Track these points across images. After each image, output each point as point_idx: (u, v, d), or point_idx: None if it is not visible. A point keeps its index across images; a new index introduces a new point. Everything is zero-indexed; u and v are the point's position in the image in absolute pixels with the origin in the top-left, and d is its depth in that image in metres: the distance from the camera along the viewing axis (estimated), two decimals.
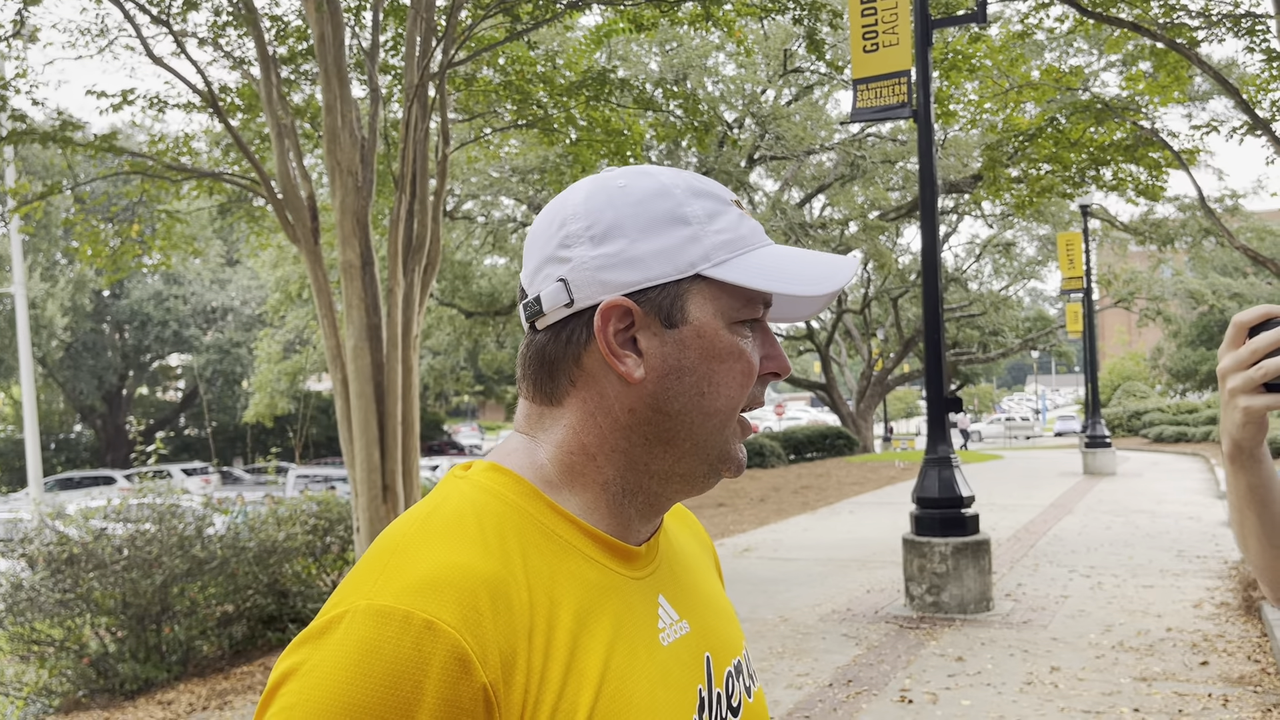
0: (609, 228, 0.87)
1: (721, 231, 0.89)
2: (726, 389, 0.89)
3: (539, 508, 0.87)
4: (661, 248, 0.87)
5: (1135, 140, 12.79)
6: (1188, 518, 12.58)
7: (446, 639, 0.74)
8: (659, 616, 0.91)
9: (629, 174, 0.91)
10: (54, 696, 7.06)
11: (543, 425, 0.91)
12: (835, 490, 18.29)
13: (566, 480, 0.90)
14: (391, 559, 0.80)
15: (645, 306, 0.87)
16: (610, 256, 0.87)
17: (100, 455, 39.44)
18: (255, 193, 9.33)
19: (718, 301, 0.88)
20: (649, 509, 0.92)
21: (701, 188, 0.91)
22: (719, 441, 0.90)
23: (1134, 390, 43.16)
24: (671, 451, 0.89)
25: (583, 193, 0.90)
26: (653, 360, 0.88)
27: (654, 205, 0.88)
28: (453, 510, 0.85)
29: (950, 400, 7.97)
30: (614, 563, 0.89)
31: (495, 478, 0.89)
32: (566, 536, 0.87)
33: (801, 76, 22.23)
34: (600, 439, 0.89)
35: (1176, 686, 5.54)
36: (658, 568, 0.95)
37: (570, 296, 0.88)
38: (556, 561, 0.85)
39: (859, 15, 8.09)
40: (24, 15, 8.53)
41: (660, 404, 0.88)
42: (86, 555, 6.97)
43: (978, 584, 7.47)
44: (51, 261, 35.56)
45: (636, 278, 0.87)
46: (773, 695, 5.65)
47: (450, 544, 0.80)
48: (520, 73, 10.38)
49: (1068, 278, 21.36)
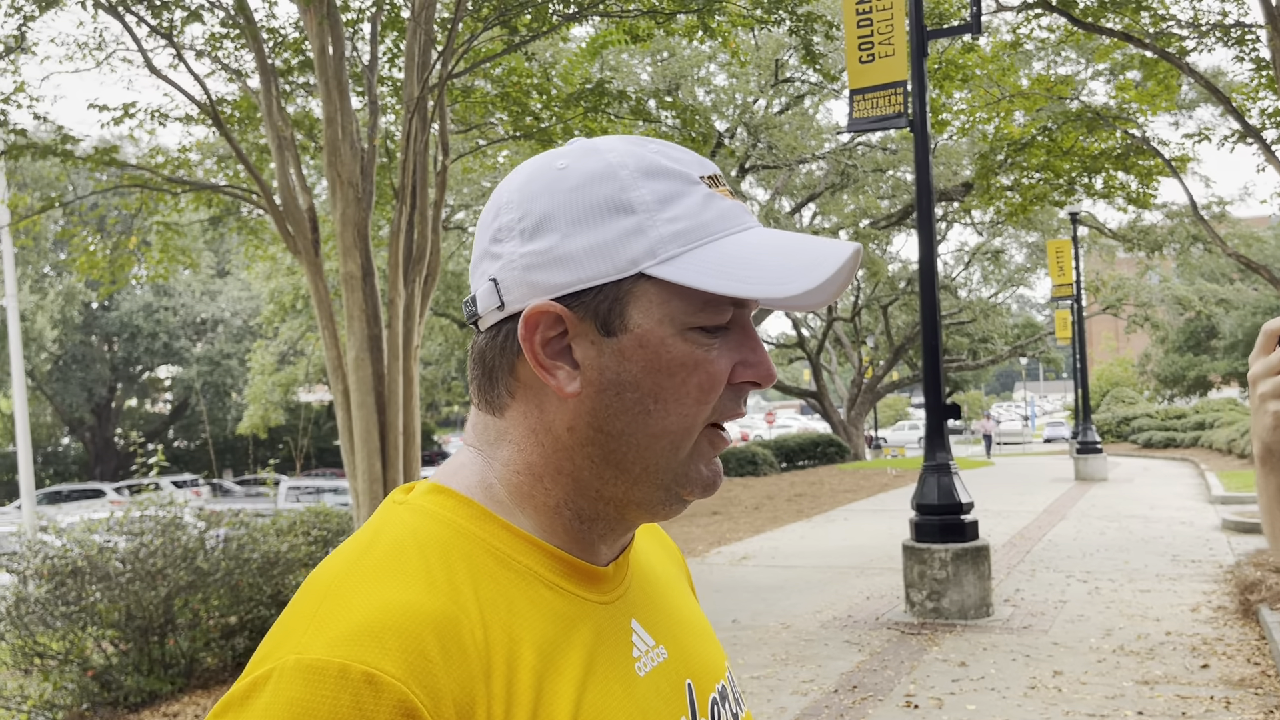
0: (541, 219, 0.76)
1: (675, 220, 0.76)
2: (678, 406, 0.77)
3: (491, 530, 0.78)
4: (597, 243, 0.75)
5: (1126, 149, 12.93)
6: (1181, 523, 12.68)
7: (391, 693, 0.64)
8: (633, 644, 0.82)
9: (574, 152, 0.79)
10: (57, 710, 7.04)
11: (489, 439, 0.82)
12: (829, 498, 18.35)
13: (517, 502, 0.80)
14: (322, 604, 0.70)
15: (579, 311, 0.76)
16: (539, 254, 0.76)
17: (89, 468, 39.25)
18: (255, 204, 9.36)
19: (666, 305, 0.76)
20: (612, 533, 0.82)
21: (658, 166, 0.77)
22: (673, 464, 0.78)
23: (1123, 396, 43.39)
24: (622, 476, 0.78)
25: (522, 176, 0.80)
26: (589, 373, 0.77)
27: (593, 191, 0.76)
28: (391, 541, 0.74)
29: (948, 407, 8.03)
30: (580, 587, 0.80)
31: (439, 500, 0.79)
32: (525, 561, 0.77)
33: (792, 86, 22.36)
34: (545, 459, 0.79)
35: (1178, 689, 5.60)
36: (628, 589, 0.86)
37: (500, 298, 0.78)
38: (514, 590, 0.75)
39: (854, 26, 8.17)
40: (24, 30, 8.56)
41: (601, 422, 0.77)
42: (90, 568, 6.97)
43: (978, 589, 7.52)
44: (40, 274, 35.44)
45: (568, 279, 0.76)
46: (778, 702, 5.69)
47: (389, 581, 0.70)
48: (517, 84, 10.44)
49: (1057, 285, 21.52)
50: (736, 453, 27.49)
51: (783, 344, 37.16)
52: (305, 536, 8.19)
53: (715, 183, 0.80)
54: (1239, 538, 11.03)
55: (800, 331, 34.57)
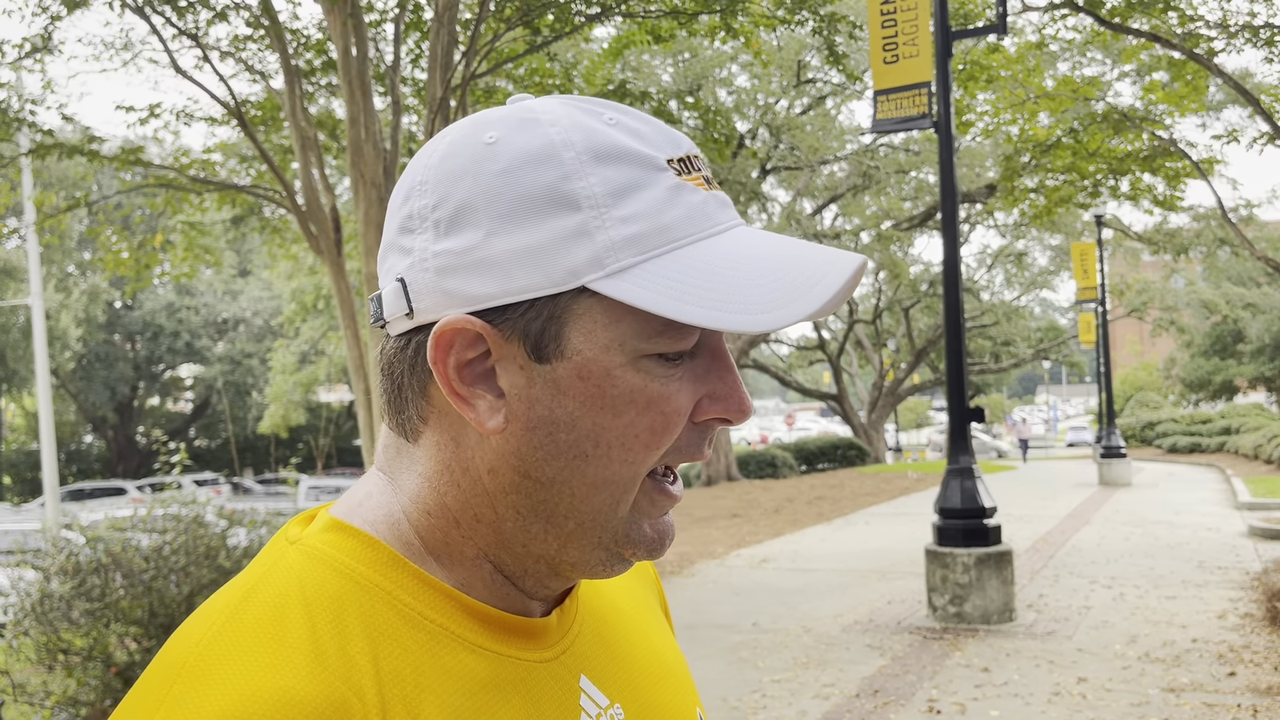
0: (459, 209, 0.61)
1: (630, 220, 0.60)
2: (623, 451, 0.62)
3: (398, 580, 0.63)
4: (529, 245, 0.60)
5: (1153, 150, 12.81)
6: (1206, 529, 12.54)
7: None
8: (582, 708, 0.68)
9: (508, 120, 0.63)
10: (80, 706, 7.09)
11: (400, 465, 0.67)
12: (849, 501, 18.27)
13: (430, 546, 0.65)
14: (177, 684, 0.56)
15: (504, 330, 0.61)
16: (456, 255, 0.61)
17: (111, 466, 39.63)
18: (279, 204, 9.41)
19: (615, 327, 0.61)
20: (544, 588, 0.68)
21: (613, 146, 0.61)
22: (612, 522, 0.64)
23: (1147, 401, 43.03)
24: (552, 531, 0.64)
25: (440, 150, 0.64)
26: (516, 406, 0.62)
27: (527, 177, 0.60)
28: (272, 599, 0.60)
29: (972, 411, 7.97)
30: (511, 646, 0.66)
31: (337, 541, 0.64)
32: (439, 619, 0.63)
33: (814, 87, 22.30)
34: (462, 502, 0.65)
35: (1205, 697, 5.53)
36: (577, 636, 0.71)
37: (409, 304, 0.63)
38: (425, 658, 0.61)
39: (879, 27, 8.13)
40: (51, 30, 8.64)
41: (528, 467, 0.63)
42: (115, 565, 7.01)
43: (1001, 594, 7.46)
44: (65, 273, 35.81)
45: (490, 289, 0.60)
46: (800, 705, 5.66)
47: (263, 657, 0.56)
48: (539, 84, 10.44)
49: (1082, 288, 21.36)
50: (756, 455, 27.46)
51: (803, 346, 37.06)
52: None
53: (687, 167, 0.64)
54: (1266, 544, 10.90)
55: (821, 334, 34.48)
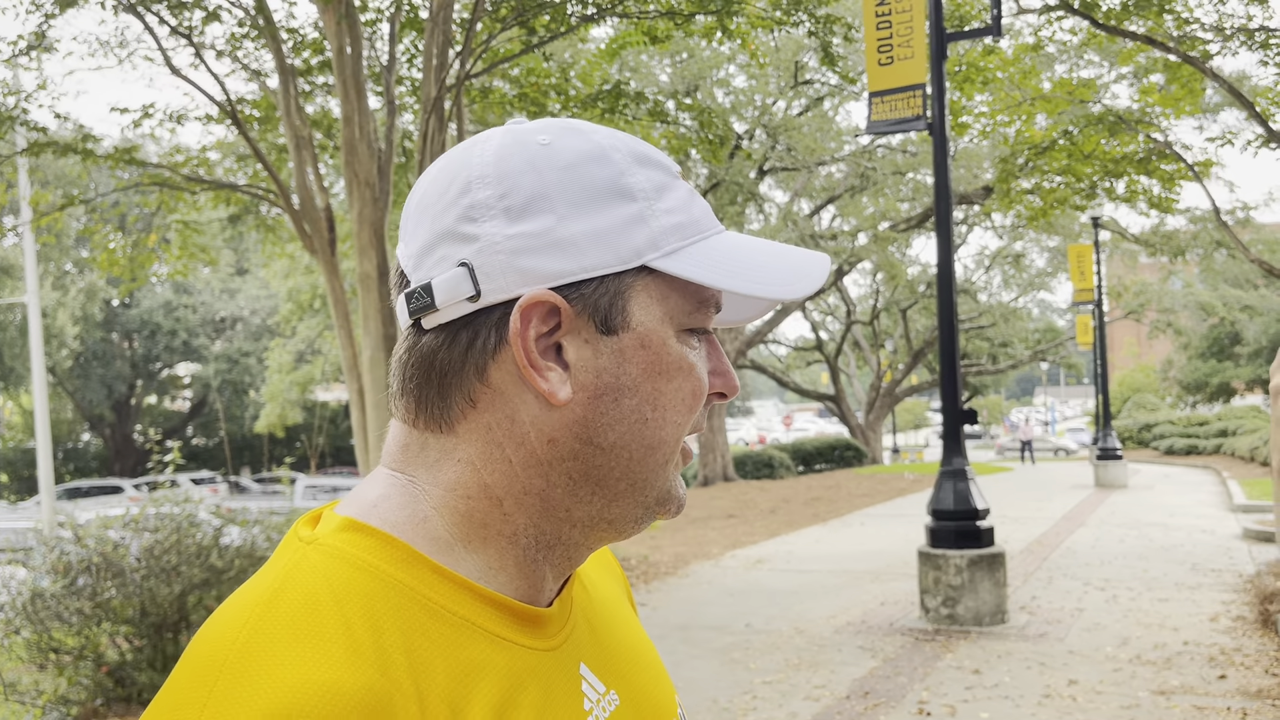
0: (530, 198, 0.67)
1: (672, 211, 0.70)
2: (674, 414, 0.70)
3: (421, 577, 0.67)
4: (599, 229, 0.67)
5: (1148, 153, 12.82)
6: (1201, 531, 12.55)
7: None
8: (584, 694, 0.73)
9: (553, 128, 0.71)
10: (71, 705, 7.08)
11: (425, 460, 0.70)
12: (846, 502, 18.27)
13: (461, 534, 0.69)
14: (220, 680, 0.58)
15: (577, 305, 0.67)
16: (532, 237, 0.67)
17: (108, 464, 39.59)
18: (273, 203, 9.40)
19: (666, 302, 0.69)
20: (567, 562, 0.74)
21: (645, 153, 0.71)
22: (660, 479, 0.72)
23: (1144, 403, 43.07)
24: (601, 494, 0.70)
25: (493, 148, 0.70)
26: (583, 376, 0.68)
27: (589, 172, 0.68)
28: (302, 597, 0.62)
29: (965, 413, 7.97)
30: (527, 636, 0.70)
31: (356, 541, 0.67)
32: (464, 613, 0.67)
33: (812, 88, 22.30)
34: (509, 478, 0.69)
35: (1195, 700, 5.53)
36: (574, 629, 0.76)
37: (476, 286, 0.67)
38: (454, 650, 0.65)
39: (874, 29, 8.13)
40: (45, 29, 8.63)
41: (590, 433, 0.68)
42: (106, 564, 7.00)
43: (993, 596, 7.46)
44: (62, 271, 35.78)
45: (567, 266, 0.67)
46: (790, 707, 5.66)
47: (303, 651, 0.59)
48: (535, 84, 10.44)
49: (1078, 289, 21.37)
50: (753, 456, 27.44)
51: (800, 347, 37.09)
52: None
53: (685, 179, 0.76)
54: (1260, 546, 10.91)
55: (818, 334, 34.50)
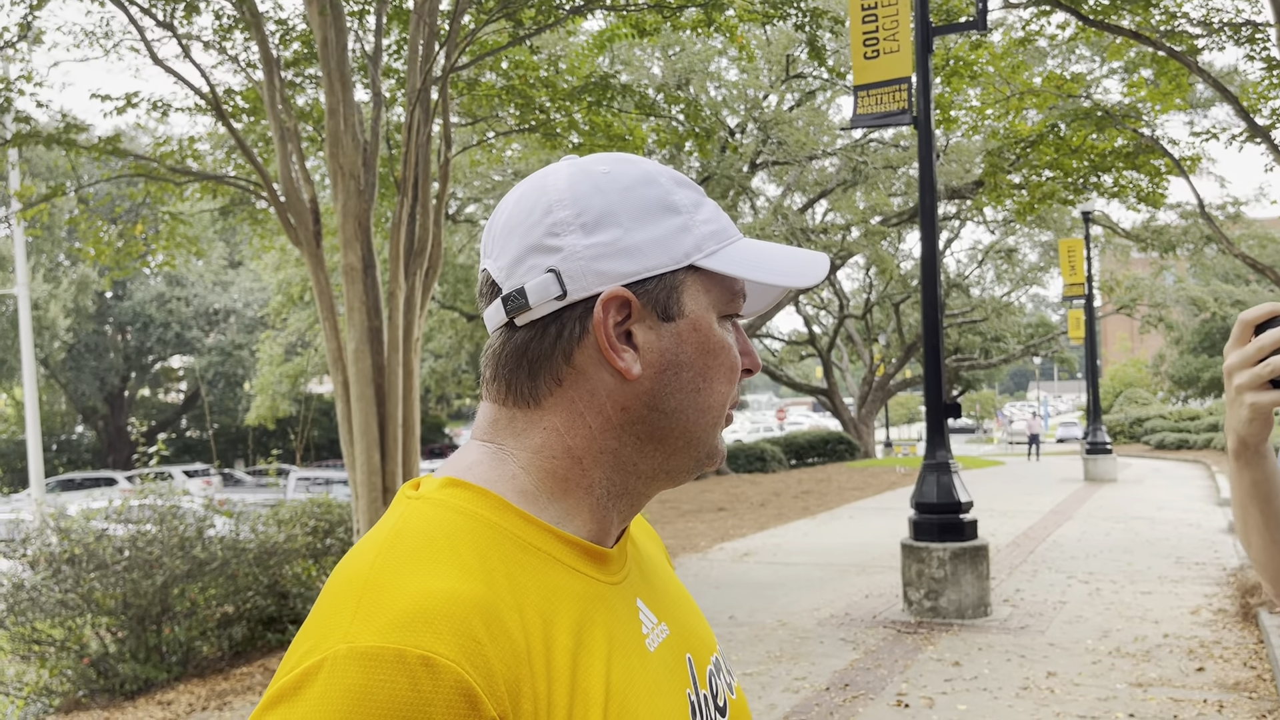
0: (601, 215, 0.83)
1: (708, 221, 0.87)
2: (720, 384, 0.87)
3: (512, 520, 0.81)
4: (656, 236, 0.84)
5: (1136, 147, 12.82)
6: (1187, 524, 12.59)
7: (449, 675, 0.67)
8: (641, 622, 0.87)
9: (608, 160, 0.88)
10: (54, 696, 7.09)
11: (514, 430, 0.86)
12: (836, 495, 18.30)
13: (545, 488, 0.84)
14: (365, 594, 0.72)
15: (642, 299, 0.83)
16: (605, 245, 0.83)
17: (102, 456, 39.49)
18: (258, 195, 9.37)
19: (709, 294, 0.86)
20: (630, 509, 0.89)
21: (681, 178, 0.89)
22: (710, 437, 0.88)
23: (1136, 397, 43.14)
24: (662, 449, 0.86)
25: (564, 178, 0.86)
26: (649, 355, 0.84)
27: (643, 192, 0.85)
28: (420, 533, 0.77)
29: (949, 406, 7.99)
30: (596, 570, 0.84)
31: (457, 494, 0.82)
32: (546, 548, 0.81)
33: (804, 82, 22.27)
34: (589, 440, 0.84)
35: (1172, 692, 5.56)
36: (630, 570, 0.91)
37: (563, 288, 0.83)
38: (542, 577, 0.79)
39: (860, 22, 8.12)
40: (30, 19, 8.58)
41: (656, 401, 0.84)
42: (88, 556, 7.00)
43: (976, 589, 7.49)
44: (54, 263, 35.64)
45: (635, 267, 0.83)
46: (770, 699, 5.67)
47: (427, 569, 0.73)
48: (523, 77, 10.41)
49: (1069, 284, 21.38)
50: (745, 449, 27.45)
51: (794, 341, 37.10)
52: (303, 527, 8.21)
53: None
54: None
55: (812, 329, 34.51)
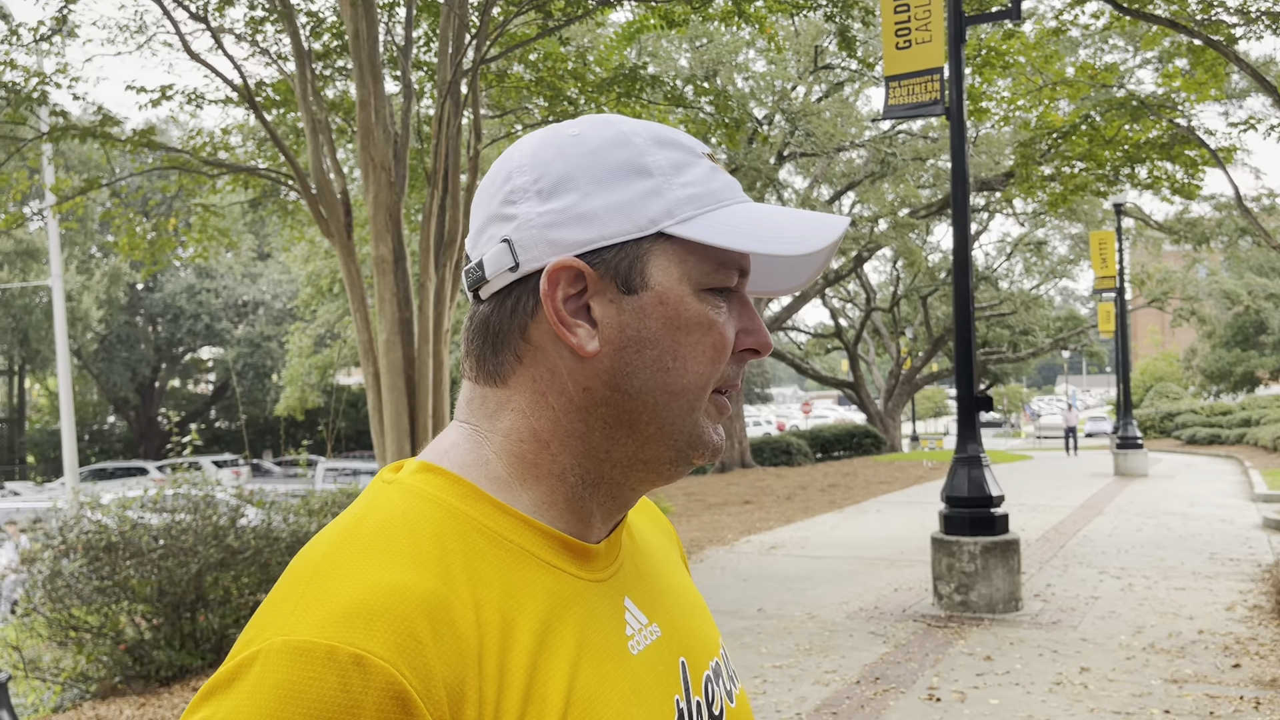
0: (559, 180, 0.77)
1: (688, 185, 0.78)
2: (694, 364, 0.78)
3: (483, 510, 0.77)
4: (618, 201, 0.77)
5: (1171, 138, 12.67)
6: (1221, 520, 12.45)
7: (380, 675, 0.64)
8: (626, 622, 0.81)
9: (585, 122, 0.81)
10: (90, 682, 7.18)
11: (486, 411, 0.81)
12: (863, 489, 18.24)
13: (517, 474, 0.79)
14: (310, 585, 0.69)
15: (600, 269, 0.77)
16: (559, 212, 0.77)
17: (133, 446, 39.96)
18: (290, 187, 9.43)
19: (684, 264, 0.78)
20: (612, 501, 0.82)
21: (667, 137, 0.81)
22: (688, 424, 0.79)
23: (1167, 391, 42.68)
24: (634, 436, 0.79)
25: (532, 143, 0.81)
26: (608, 331, 0.77)
27: (610, 154, 0.78)
28: (379, 521, 0.73)
29: (980, 399, 7.93)
30: (573, 565, 0.79)
31: (428, 480, 0.78)
32: (518, 540, 0.77)
33: (832, 73, 22.16)
34: (553, 423, 0.79)
35: (1208, 689, 5.50)
36: (621, 566, 0.85)
37: (515, 259, 0.78)
38: (508, 571, 0.74)
39: (891, 12, 8.06)
40: (65, 13, 8.67)
41: (618, 381, 0.77)
42: (124, 544, 7.08)
43: (1006, 584, 7.44)
44: (87, 255, 36.07)
45: (589, 236, 0.76)
46: (800, 691, 5.67)
47: (378, 561, 0.69)
48: (551, 69, 10.42)
49: (1100, 277, 21.17)
50: (771, 442, 27.40)
51: (819, 334, 36.95)
52: (334, 517, 8.27)
53: (713, 159, 0.83)
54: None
55: (838, 321, 34.36)
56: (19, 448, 40.14)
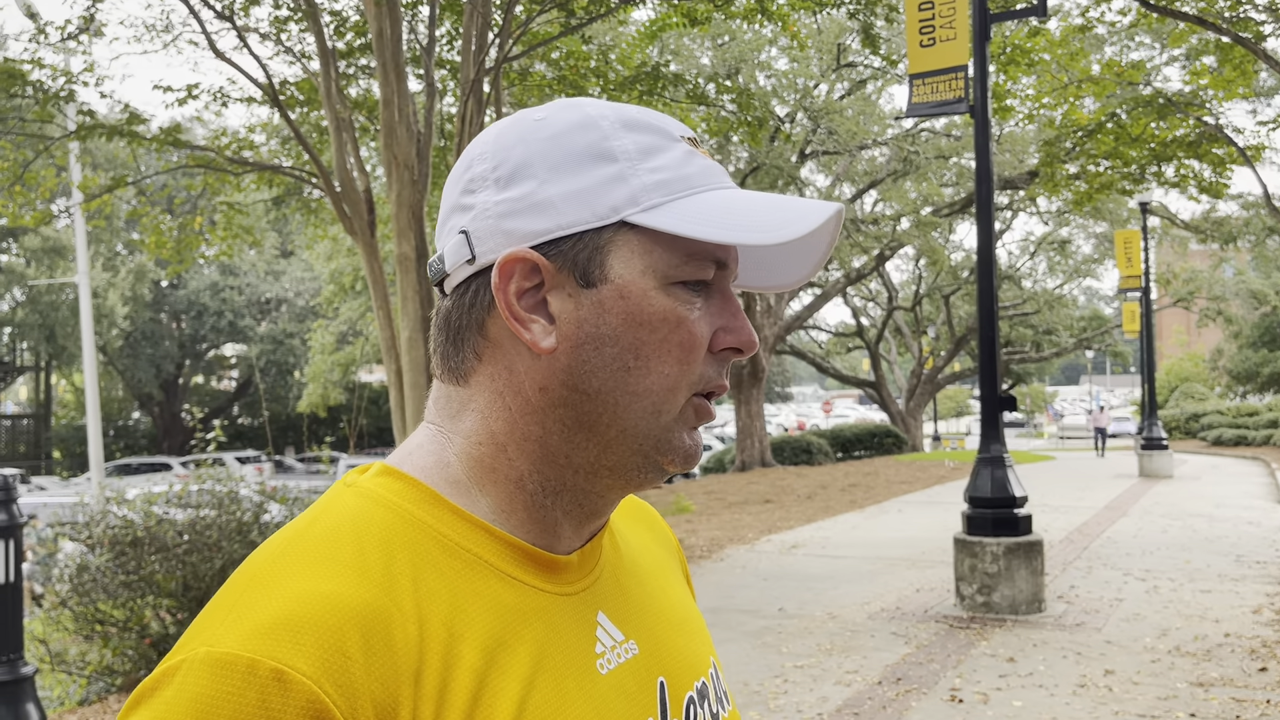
0: (517, 167, 0.73)
1: (657, 170, 0.73)
2: (659, 363, 0.73)
3: (439, 516, 0.73)
4: (577, 189, 0.72)
5: (1199, 136, 12.55)
6: (1247, 522, 12.33)
7: (300, 692, 0.61)
8: (597, 639, 0.77)
9: (551, 107, 0.77)
10: (116, 676, 7.25)
11: (450, 411, 0.77)
12: (884, 489, 18.16)
13: (475, 478, 0.75)
14: (244, 593, 0.66)
15: (557, 261, 0.72)
16: (515, 201, 0.73)
17: (157, 442, 40.33)
18: (313, 185, 9.48)
19: (649, 256, 0.73)
20: (579, 510, 0.77)
21: (638, 120, 0.76)
22: (653, 428, 0.74)
23: (1192, 392, 42.29)
24: (594, 439, 0.74)
25: (496, 130, 0.77)
26: (566, 327, 0.73)
27: (572, 139, 0.73)
28: (326, 527, 0.70)
29: (1004, 399, 7.89)
30: (537, 578, 0.75)
31: (386, 483, 0.74)
32: (475, 549, 0.72)
33: (855, 71, 22.06)
34: (510, 425, 0.74)
35: (1234, 692, 5.45)
36: (598, 579, 0.80)
37: (471, 250, 0.74)
38: (460, 582, 0.70)
39: (915, 10, 8.02)
40: (93, 12, 8.75)
41: (576, 381, 0.73)
42: (150, 539, 7.14)
43: (1030, 585, 7.39)
44: (113, 252, 36.43)
45: (546, 225, 0.72)
46: (821, 691, 5.65)
47: (316, 570, 0.66)
48: (574, 67, 10.43)
49: (1125, 276, 21.00)
50: (791, 441, 27.34)
51: (841, 333, 36.84)
52: None
53: (695, 144, 0.77)
54: None
55: (859, 320, 34.25)
56: (45, 443, 40.59)
